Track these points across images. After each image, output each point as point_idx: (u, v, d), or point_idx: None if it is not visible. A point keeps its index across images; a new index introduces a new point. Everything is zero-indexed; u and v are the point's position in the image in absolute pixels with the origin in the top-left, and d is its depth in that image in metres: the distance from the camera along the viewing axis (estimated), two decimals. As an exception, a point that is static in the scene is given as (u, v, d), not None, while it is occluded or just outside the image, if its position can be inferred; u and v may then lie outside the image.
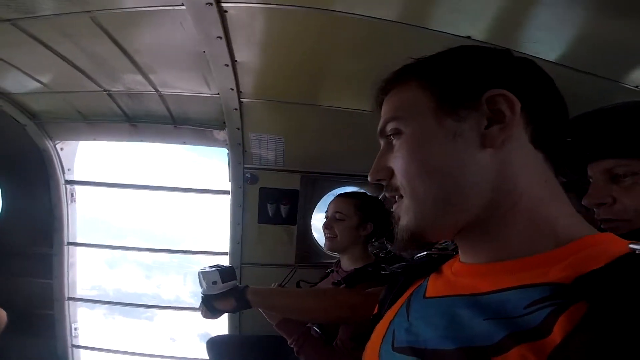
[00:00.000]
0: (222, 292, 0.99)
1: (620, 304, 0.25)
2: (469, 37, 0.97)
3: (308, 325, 1.14)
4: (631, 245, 0.31)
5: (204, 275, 1.02)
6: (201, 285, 1.03)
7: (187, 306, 1.98)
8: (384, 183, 0.44)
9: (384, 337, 0.44)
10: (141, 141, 1.78)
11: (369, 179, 0.45)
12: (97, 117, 1.76)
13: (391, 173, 0.42)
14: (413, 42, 0.99)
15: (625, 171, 0.59)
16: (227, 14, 0.96)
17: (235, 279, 1.03)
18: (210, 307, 1.01)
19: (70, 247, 1.90)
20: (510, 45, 0.95)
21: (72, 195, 1.86)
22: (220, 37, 1.04)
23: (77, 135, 1.85)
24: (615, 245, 0.33)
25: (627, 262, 0.29)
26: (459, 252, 0.43)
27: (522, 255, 0.35)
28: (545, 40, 0.97)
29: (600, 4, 0.84)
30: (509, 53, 0.41)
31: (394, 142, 0.42)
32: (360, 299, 0.97)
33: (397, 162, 0.41)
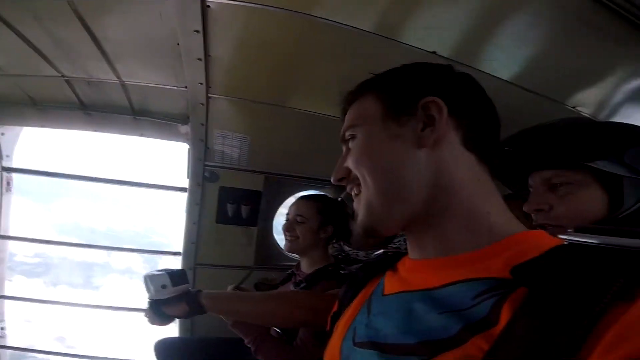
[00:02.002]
0: (172, 296, 0.92)
1: (555, 286, 0.29)
2: (434, 53, 1.05)
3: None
4: (562, 236, 0.37)
5: (151, 278, 0.93)
6: (148, 290, 0.95)
7: (134, 307, 1.83)
8: (344, 182, 0.50)
9: (345, 334, 0.47)
10: (94, 131, 1.70)
11: (332, 179, 0.51)
12: (49, 104, 1.67)
13: (349, 172, 0.48)
14: (384, 54, 1.06)
15: (561, 181, 0.66)
16: (209, 9, 0.98)
17: (188, 283, 0.97)
18: (158, 312, 0.93)
19: (1, 240, 1.72)
20: (470, 63, 1.07)
21: (8, 183, 1.70)
22: (198, 31, 1.05)
23: (23, 120, 1.72)
24: (547, 239, 0.38)
25: (559, 251, 0.34)
26: (408, 249, 0.48)
27: (464, 250, 0.40)
28: (502, 60, 1.08)
29: (553, 28, 0.95)
30: (449, 68, 0.48)
31: (350, 145, 0.49)
32: (321, 302, 0.95)
33: (351, 159, 0.47)
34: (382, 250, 0.59)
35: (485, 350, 0.30)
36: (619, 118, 1.29)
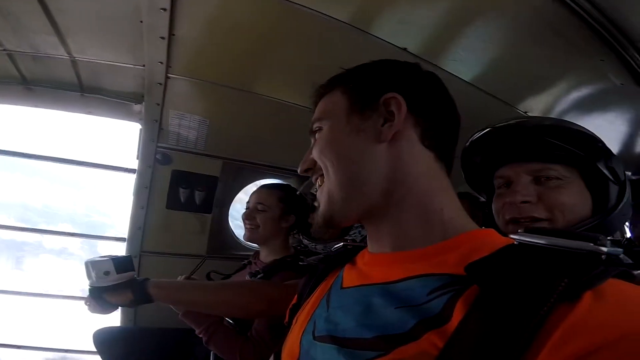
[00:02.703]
0: (115, 284, 0.87)
1: (505, 285, 0.30)
2: (405, 49, 1.09)
3: None
4: (513, 236, 0.39)
5: (93, 265, 0.89)
6: (89, 277, 0.90)
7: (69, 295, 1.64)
8: (310, 173, 0.51)
9: (305, 327, 0.47)
10: (36, 107, 1.57)
11: (298, 170, 0.52)
12: (-17, 77, 1.52)
13: (315, 163, 0.49)
14: (356, 47, 1.08)
15: (551, 175, 0.65)
16: (179, -14, 0.95)
17: (133, 270, 0.93)
18: (100, 300, 0.88)
19: None
20: (438, 62, 1.12)
21: None
22: (165, 9, 1.05)
23: (-48, 94, 1.54)
24: (498, 237, 0.40)
25: (510, 250, 0.35)
26: (368, 242, 0.50)
27: (419, 245, 0.41)
28: (466, 61, 1.13)
29: (517, 30, 0.99)
30: (415, 66, 0.50)
31: (317, 137, 0.50)
32: (279, 293, 0.94)
33: (315, 150, 0.49)
34: (341, 244, 0.60)
35: (439, 346, 0.31)
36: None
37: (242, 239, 1.78)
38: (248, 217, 1.25)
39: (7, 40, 1.33)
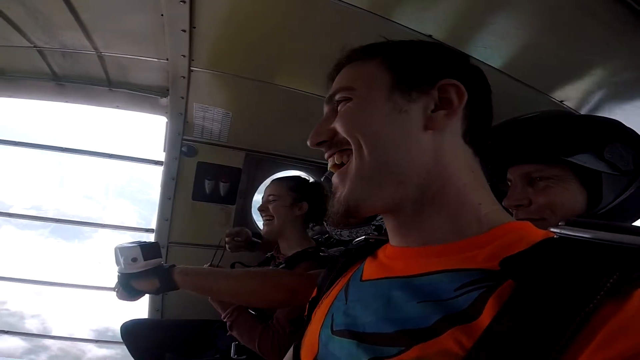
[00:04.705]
0: (142, 270, 0.89)
1: (546, 281, 0.28)
2: (430, 36, 1.05)
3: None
4: (553, 229, 0.36)
5: (121, 251, 0.91)
6: (117, 263, 0.92)
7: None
8: (324, 147, 0.47)
9: (323, 321, 0.46)
10: (67, 102, 1.65)
11: (308, 143, 0.47)
12: (19, 75, 1.61)
13: (333, 134, 0.45)
14: (378, 34, 1.02)
15: (541, 175, 0.66)
16: (196, -21, 0.97)
17: (160, 257, 0.95)
18: (127, 287, 0.91)
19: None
20: (464, 48, 1.08)
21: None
22: (184, 2, 1.06)
23: (-10, 91, 1.64)
24: (534, 231, 0.38)
25: (548, 244, 0.34)
26: (389, 236, 0.47)
27: (450, 240, 0.39)
28: (495, 47, 1.08)
29: (550, 14, 0.94)
30: (466, 57, 0.48)
31: (340, 108, 0.45)
32: (300, 282, 0.94)
33: (343, 123, 0.43)
34: (363, 237, 0.57)
35: (465, 344, 0.29)
36: (601, 113, 1.27)
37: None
38: (262, 209, 1.29)
39: (37, 38, 1.39)
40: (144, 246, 0.90)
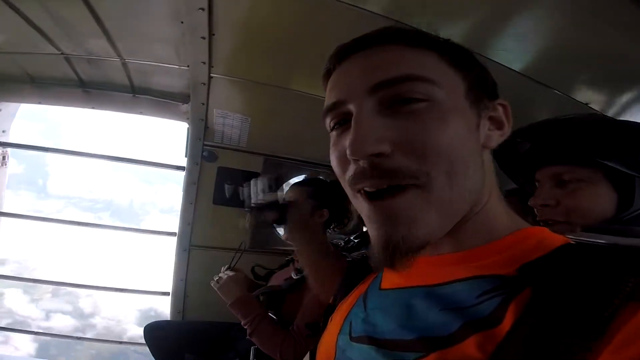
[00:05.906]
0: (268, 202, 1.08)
1: (565, 287, 0.28)
2: (448, 41, 1.03)
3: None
4: (570, 236, 0.36)
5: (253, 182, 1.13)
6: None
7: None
8: (380, 163, 0.34)
9: (341, 327, 0.46)
10: (93, 108, 1.71)
11: (355, 150, 0.34)
12: (48, 81, 1.68)
13: (400, 147, 0.34)
14: None
15: (572, 177, 0.66)
16: (214, -14, 0.99)
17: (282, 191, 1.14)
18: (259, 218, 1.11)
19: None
20: (485, 52, 1.06)
21: (3, 158, 1.69)
22: (203, 9, 1.07)
23: (20, 97, 1.74)
24: (552, 237, 0.37)
25: (567, 250, 0.33)
26: None
27: (465, 247, 0.38)
28: (515, 50, 1.06)
29: (571, 16, 0.92)
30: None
31: (412, 107, 0.34)
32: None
33: (426, 133, 0.34)
34: None
35: (487, 349, 0.29)
36: (626, 117, 1.27)
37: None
38: None
39: (64, 45, 1.44)
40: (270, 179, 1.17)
